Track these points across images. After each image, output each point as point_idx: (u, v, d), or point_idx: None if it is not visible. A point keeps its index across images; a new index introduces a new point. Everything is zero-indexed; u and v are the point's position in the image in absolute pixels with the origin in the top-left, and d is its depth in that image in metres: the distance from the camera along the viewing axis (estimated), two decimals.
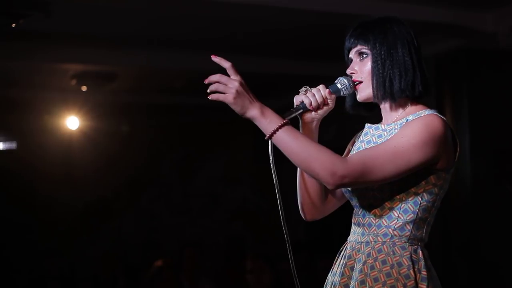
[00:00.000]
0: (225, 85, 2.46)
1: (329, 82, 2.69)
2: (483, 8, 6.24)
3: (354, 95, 2.70)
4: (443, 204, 2.66)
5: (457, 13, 6.25)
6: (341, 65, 2.76)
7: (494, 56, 6.13)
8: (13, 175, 8.81)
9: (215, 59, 2.51)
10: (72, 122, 8.81)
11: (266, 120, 2.46)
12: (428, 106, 2.63)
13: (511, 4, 6.18)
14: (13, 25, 5.50)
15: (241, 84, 2.46)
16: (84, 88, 8.08)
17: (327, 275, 2.76)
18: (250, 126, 2.49)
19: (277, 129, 2.44)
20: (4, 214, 8.75)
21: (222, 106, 2.48)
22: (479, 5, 6.18)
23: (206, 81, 2.49)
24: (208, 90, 2.48)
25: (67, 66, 7.73)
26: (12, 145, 8.79)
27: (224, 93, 2.46)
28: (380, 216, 2.56)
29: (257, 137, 2.51)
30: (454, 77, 6.04)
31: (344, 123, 2.87)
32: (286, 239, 2.59)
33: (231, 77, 2.47)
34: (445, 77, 6.09)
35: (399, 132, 2.50)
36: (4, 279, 8.58)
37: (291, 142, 2.44)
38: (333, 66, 2.81)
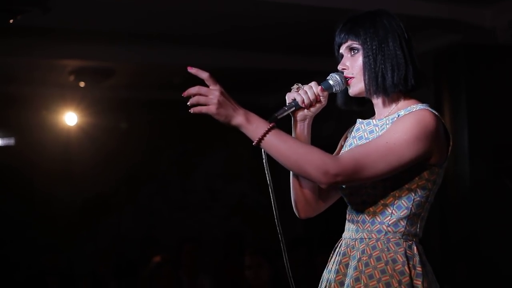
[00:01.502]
0: (206, 96, 2.42)
1: (324, 78, 2.68)
2: (481, 3, 6.24)
3: (345, 90, 2.68)
4: (442, 200, 2.67)
5: (455, 8, 6.24)
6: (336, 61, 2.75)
7: (492, 51, 6.11)
8: (11, 171, 8.79)
9: (192, 70, 2.46)
10: (70, 118, 8.82)
11: (252, 126, 2.43)
12: (421, 100, 2.62)
13: (509, 0, 6.17)
14: (11, 21, 5.50)
15: (221, 93, 2.41)
16: (82, 84, 8.07)
17: None
18: None
19: (264, 134, 2.41)
20: (2, 210, 8.74)
21: None
22: (477, 1, 6.18)
23: (185, 94, 2.45)
24: (189, 103, 2.44)
25: (65, 62, 7.73)
26: (10, 141, 8.78)
27: (206, 105, 2.42)
28: (374, 213, 2.56)
29: None
30: (452, 72, 6.02)
31: (342, 118, 2.85)
32: (280, 239, 2.58)
33: (210, 87, 2.43)
34: (444, 73, 6.07)
35: (391, 128, 2.49)
36: (2, 275, 8.58)
37: (280, 145, 2.41)
38: (328, 62, 2.79)
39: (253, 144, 2.44)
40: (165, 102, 9.40)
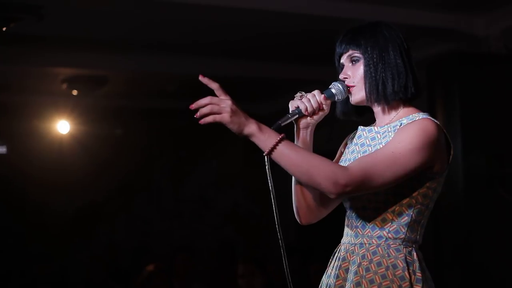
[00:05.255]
0: (218, 105, 2.43)
1: (325, 87, 2.70)
2: (474, 12, 6.25)
3: (345, 101, 2.72)
4: (435, 207, 2.67)
5: (449, 17, 6.26)
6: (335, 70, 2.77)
7: (485, 60, 6.13)
8: (3, 180, 8.77)
9: (203, 79, 2.47)
10: (62, 126, 8.79)
11: (264, 136, 2.44)
12: (420, 109, 2.65)
13: (502, 8, 6.19)
14: (4, 28, 5.49)
15: (233, 102, 2.44)
16: (75, 92, 8.05)
17: (318, 280, 2.76)
18: None
19: (277, 143, 2.43)
20: None
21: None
22: (471, 9, 6.19)
23: (193, 107, 2.45)
24: (198, 114, 2.44)
25: (58, 70, 7.71)
26: (2, 149, 8.75)
27: (219, 113, 2.42)
28: (374, 219, 2.58)
29: (249, 142, 2.49)
30: (445, 81, 6.02)
31: (337, 125, 2.87)
32: (281, 244, 2.59)
33: (221, 97, 2.45)
34: (437, 81, 6.07)
35: (395, 138, 2.52)
36: None
37: (292, 155, 2.44)
38: (329, 71, 2.81)
39: (265, 153, 2.45)
40: (158, 110, 9.41)
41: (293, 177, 2.72)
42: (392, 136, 2.56)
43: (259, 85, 8.59)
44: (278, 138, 2.44)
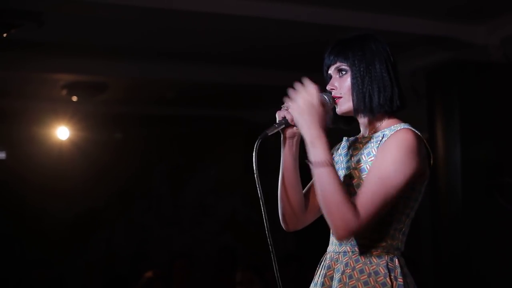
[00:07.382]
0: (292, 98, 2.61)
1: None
2: (474, 20, 6.27)
3: (333, 109, 2.77)
4: (434, 216, 2.69)
5: (448, 26, 6.28)
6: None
7: (485, 68, 6.15)
8: (2, 185, 8.77)
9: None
10: (62, 132, 8.80)
11: (322, 146, 2.54)
12: (402, 119, 2.71)
13: (502, 17, 6.21)
14: (5, 35, 5.50)
15: (313, 95, 2.59)
16: (74, 98, 8.05)
17: None
18: (241, 137, 2.47)
19: (326, 164, 2.51)
20: None
21: (213, 115, 2.45)
22: (470, 18, 6.20)
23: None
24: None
25: (58, 76, 7.72)
26: (1, 155, 8.75)
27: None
28: None
29: (248, 148, 2.51)
30: (445, 89, 6.04)
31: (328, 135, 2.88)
32: (271, 249, 2.64)
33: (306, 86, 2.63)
34: (436, 89, 6.09)
35: (378, 160, 2.58)
36: None
37: (327, 182, 2.51)
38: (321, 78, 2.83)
39: (310, 162, 2.54)
40: (157, 117, 9.41)
41: (279, 184, 2.79)
42: (374, 148, 2.63)
43: (260, 92, 8.59)
44: (329, 159, 2.52)
